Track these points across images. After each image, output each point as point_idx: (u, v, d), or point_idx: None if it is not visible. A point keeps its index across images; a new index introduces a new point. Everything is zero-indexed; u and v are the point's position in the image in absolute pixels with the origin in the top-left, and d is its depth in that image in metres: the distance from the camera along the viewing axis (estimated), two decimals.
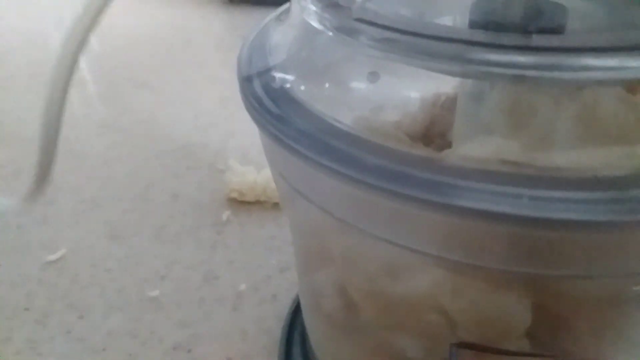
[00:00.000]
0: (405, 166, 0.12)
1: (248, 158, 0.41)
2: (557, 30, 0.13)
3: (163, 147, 0.43)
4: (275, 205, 0.37)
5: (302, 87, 0.16)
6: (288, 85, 0.16)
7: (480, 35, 0.13)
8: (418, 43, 0.13)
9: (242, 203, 0.37)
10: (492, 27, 0.13)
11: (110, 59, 0.60)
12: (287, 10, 0.20)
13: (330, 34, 0.15)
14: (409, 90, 0.17)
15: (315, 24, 0.16)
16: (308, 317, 0.23)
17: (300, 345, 0.26)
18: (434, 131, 0.16)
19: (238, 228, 0.35)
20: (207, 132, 0.45)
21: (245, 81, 0.17)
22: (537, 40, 0.12)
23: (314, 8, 0.16)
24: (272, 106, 0.16)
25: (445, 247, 0.13)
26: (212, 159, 0.42)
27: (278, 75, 0.17)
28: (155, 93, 0.52)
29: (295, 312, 0.28)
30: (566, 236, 0.11)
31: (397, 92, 0.17)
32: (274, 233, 0.35)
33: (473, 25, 0.14)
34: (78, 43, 0.22)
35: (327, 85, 0.17)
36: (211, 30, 0.66)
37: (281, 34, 0.19)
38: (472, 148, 0.12)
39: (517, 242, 0.12)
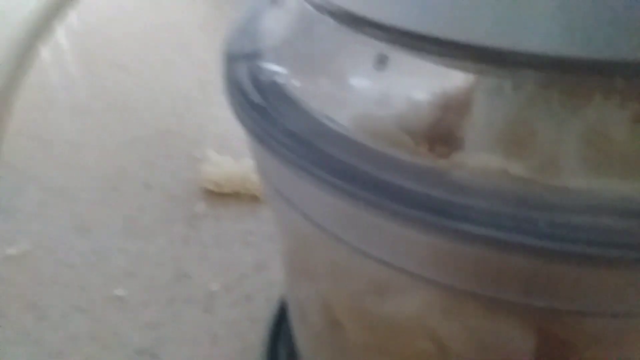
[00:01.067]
0: (404, 178, 0.11)
1: (226, 146, 0.39)
2: None
3: (137, 133, 0.41)
4: (254, 197, 0.34)
5: (294, 79, 0.14)
6: (277, 76, 0.14)
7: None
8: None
9: (218, 195, 0.35)
10: None
11: (87, 38, 0.57)
12: None
13: (331, 20, 0.13)
14: (415, 86, 0.15)
15: (313, 8, 0.14)
16: (295, 327, 0.21)
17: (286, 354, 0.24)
18: (439, 131, 0.14)
19: (213, 222, 0.33)
20: (185, 118, 0.43)
21: (230, 64, 0.15)
22: None
23: None
24: (257, 98, 0.14)
25: (442, 270, 0.11)
26: (189, 146, 0.39)
27: (267, 63, 0.15)
28: (131, 75, 0.49)
29: (280, 317, 0.26)
30: (590, 271, 0.10)
31: (402, 88, 0.14)
32: (251, 228, 0.32)
33: None
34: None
35: (323, 78, 0.15)
36: (196, 10, 0.63)
37: (275, 17, 0.17)
38: (480, 160, 0.10)
39: (529, 274, 0.10)
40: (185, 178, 0.36)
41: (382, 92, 0.14)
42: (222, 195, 0.35)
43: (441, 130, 0.14)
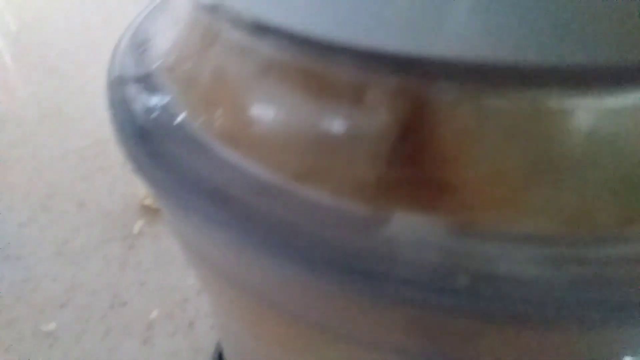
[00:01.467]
0: (307, 224, 0.09)
1: None
2: None
3: (71, 145, 0.38)
4: None
5: (186, 107, 0.12)
6: (166, 100, 0.12)
7: None
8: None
9: (157, 211, 0.32)
10: None
11: (22, 39, 0.54)
12: None
13: (231, 32, 0.11)
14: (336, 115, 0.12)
15: (203, 16, 0.12)
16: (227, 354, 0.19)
17: None
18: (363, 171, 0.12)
19: (152, 241, 0.31)
20: None
21: (115, 88, 0.13)
22: None
23: None
24: (140, 133, 0.11)
25: (357, 326, 0.10)
26: None
27: (157, 89, 0.12)
28: (66, 79, 0.46)
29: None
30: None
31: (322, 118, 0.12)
32: None
33: None
34: None
35: (224, 106, 0.13)
36: (135, 7, 0.60)
37: (164, 25, 0.15)
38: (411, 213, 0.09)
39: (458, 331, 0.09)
40: (122, 193, 0.34)
41: (300, 126, 0.12)
42: (161, 212, 0.32)
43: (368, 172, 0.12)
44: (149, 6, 0.18)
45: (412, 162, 0.09)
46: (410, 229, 0.09)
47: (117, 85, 0.12)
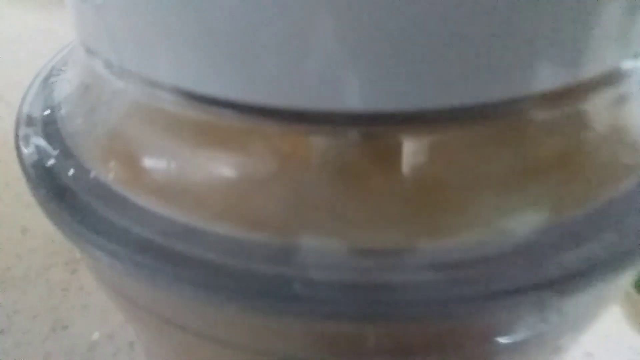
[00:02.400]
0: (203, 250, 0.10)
1: None
2: None
3: (16, 174, 0.38)
4: None
5: (83, 155, 0.12)
6: (62, 148, 0.13)
7: None
8: None
9: None
10: None
11: None
12: None
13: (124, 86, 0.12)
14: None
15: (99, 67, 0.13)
16: None
17: None
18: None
19: None
20: None
21: (21, 127, 0.14)
22: None
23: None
24: (42, 180, 0.12)
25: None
26: None
27: (54, 134, 0.13)
28: (13, 108, 0.46)
29: None
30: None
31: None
32: None
33: None
34: None
35: (119, 157, 0.13)
36: None
37: (71, 63, 0.16)
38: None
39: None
40: None
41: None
42: None
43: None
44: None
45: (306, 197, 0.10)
46: (315, 254, 0.10)
47: (24, 124, 0.13)
